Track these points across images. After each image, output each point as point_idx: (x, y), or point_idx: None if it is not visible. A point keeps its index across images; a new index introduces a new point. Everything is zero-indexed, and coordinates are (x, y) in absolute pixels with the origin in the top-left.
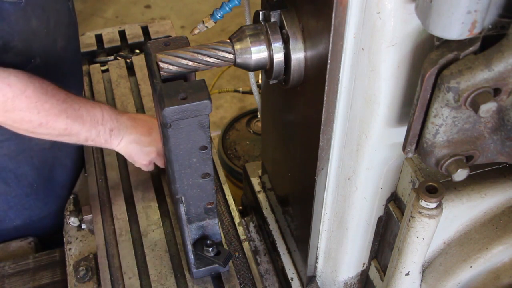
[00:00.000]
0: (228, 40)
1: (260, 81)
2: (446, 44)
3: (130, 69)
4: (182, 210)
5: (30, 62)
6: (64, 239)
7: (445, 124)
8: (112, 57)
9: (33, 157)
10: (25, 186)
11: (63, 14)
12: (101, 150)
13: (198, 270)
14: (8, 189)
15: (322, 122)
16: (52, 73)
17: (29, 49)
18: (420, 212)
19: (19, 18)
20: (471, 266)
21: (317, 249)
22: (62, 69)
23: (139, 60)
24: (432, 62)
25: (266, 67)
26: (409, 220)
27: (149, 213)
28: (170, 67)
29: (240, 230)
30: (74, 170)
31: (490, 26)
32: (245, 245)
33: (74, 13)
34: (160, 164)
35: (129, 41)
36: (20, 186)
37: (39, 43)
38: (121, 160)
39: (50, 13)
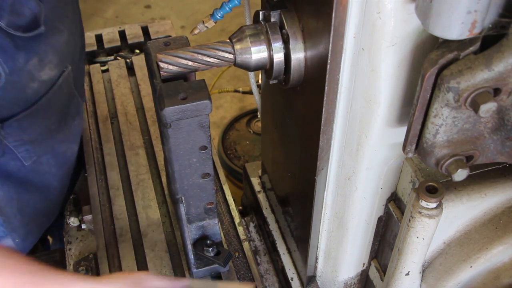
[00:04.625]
0: (228, 40)
1: (260, 81)
2: (446, 44)
3: (130, 69)
4: (182, 210)
5: (63, 72)
6: (64, 239)
7: (445, 124)
8: (112, 57)
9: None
10: None
11: (78, 19)
12: (101, 150)
13: (198, 270)
14: None
15: (322, 122)
16: (76, 78)
17: (63, 59)
18: (420, 212)
19: (54, 33)
20: (471, 266)
21: (317, 249)
22: (81, 73)
23: (139, 60)
24: (432, 62)
25: (266, 67)
26: (409, 220)
27: (149, 213)
28: (170, 67)
29: (240, 230)
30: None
31: (490, 26)
32: (245, 245)
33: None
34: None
35: (129, 41)
36: None
37: (69, 52)
38: (121, 160)
39: (74, 22)
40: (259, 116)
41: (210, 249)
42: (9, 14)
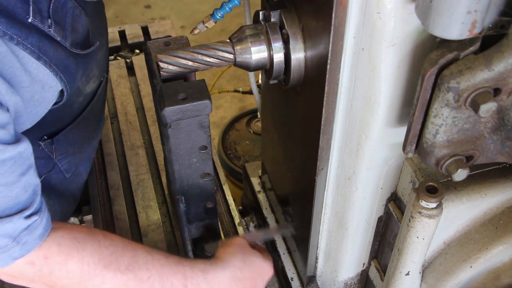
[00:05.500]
0: (228, 40)
1: (260, 81)
2: (446, 44)
3: (130, 69)
4: (182, 210)
5: (101, 82)
6: None
7: (445, 124)
8: (112, 57)
9: None
10: None
11: (106, 27)
12: (101, 150)
13: None
14: None
15: (322, 122)
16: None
17: (102, 70)
18: (420, 212)
19: (98, 47)
20: (471, 266)
21: (317, 249)
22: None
23: (139, 60)
24: (432, 62)
25: (266, 67)
26: (409, 220)
27: (149, 213)
28: (170, 67)
29: (240, 230)
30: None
31: (490, 26)
32: None
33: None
34: None
35: (129, 41)
36: None
37: (106, 63)
38: (121, 160)
39: (106, 31)
40: (259, 116)
41: None
42: (70, 33)
